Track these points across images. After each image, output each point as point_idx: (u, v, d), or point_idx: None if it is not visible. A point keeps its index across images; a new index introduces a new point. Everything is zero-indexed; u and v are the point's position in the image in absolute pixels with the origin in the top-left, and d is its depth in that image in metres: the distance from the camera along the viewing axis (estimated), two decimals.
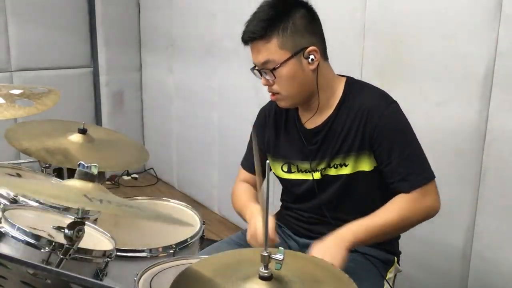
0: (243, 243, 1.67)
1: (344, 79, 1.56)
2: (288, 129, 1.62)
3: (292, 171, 1.60)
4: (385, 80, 2.10)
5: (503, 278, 1.87)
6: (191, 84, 3.54)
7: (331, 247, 1.37)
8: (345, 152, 1.50)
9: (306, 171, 1.57)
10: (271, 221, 1.47)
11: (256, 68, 1.50)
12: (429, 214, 1.48)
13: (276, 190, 1.79)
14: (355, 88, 1.53)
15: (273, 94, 1.51)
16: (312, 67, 1.47)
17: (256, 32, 1.44)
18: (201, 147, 3.53)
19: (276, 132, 1.64)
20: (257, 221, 1.47)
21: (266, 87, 1.52)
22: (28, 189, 0.93)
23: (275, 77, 1.46)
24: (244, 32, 1.48)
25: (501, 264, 1.87)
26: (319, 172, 1.54)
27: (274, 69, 1.44)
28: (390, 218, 1.44)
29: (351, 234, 1.40)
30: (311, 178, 1.56)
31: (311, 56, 1.45)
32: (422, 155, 1.49)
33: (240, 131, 3.04)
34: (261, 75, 1.49)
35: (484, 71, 1.81)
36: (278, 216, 1.71)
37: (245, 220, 1.60)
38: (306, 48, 1.45)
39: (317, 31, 1.50)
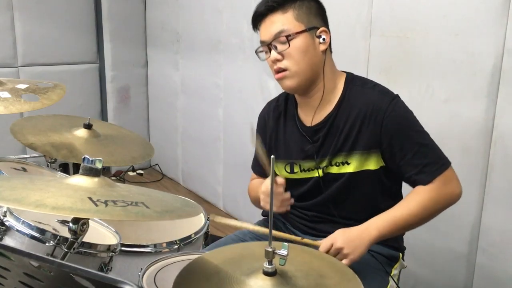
0: (247, 239, 1.67)
1: (344, 75, 1.55)
2: (288, 129, 1.61)
3: (295, 171, 1.59)
4: (392, 77, 2.10)
5: (509, 275, 1.86)
6: (197, 80, 3.54)
7: (355, 239, 1.39)
8: (347, 150, 1.49)
9: (309, 170, 1.57)
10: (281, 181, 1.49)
11: (264, 45, 1.49)
12: (452, 200, 1.48)
13: None
14: (355, 84, 1.53)
15: (280, 72, 1.49)
16: (323, 47, 1.48)
17: (275, 1, 1.46)
18: (207, 143, 3.53)
19: (276, 134, 1.63)
20: (266, 181, 1.51)
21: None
22: (29, 202, 0.92)
23: (289, 46, 1.45)
24: (260, 5, 1.49)
25: (506, 261, 1.86)
26: (321, 169, 1.54)
27: (289, 36, 1.44)
28: (414, 209, 1.44)
29: (376, 229, 1.41)
30: (314, 175, 1.55)
31: (323, 36, 1.47)
32: (433, 144, 1.48)
33: (246, 127, 3.04)
34: (269, 53, 1.48)
35: (492, 68, 1.80)
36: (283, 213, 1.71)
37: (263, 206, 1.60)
38: (319, 28, 1.47)
39: (326, 20, 1.53)
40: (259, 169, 1.72)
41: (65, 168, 2.57)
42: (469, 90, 1.88)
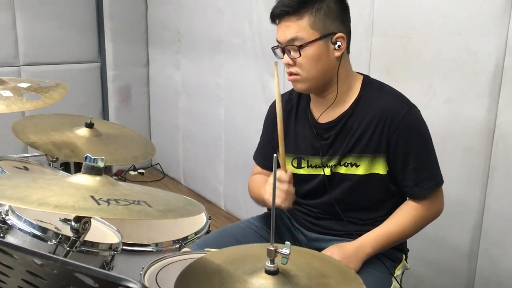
0: (253, 227, 1.67)
1: (361, 77, 1.55)
2: (299, 123, 1.60)
3: (302, 166, 1.59)
4: (393, 77, 2.09)
5: (510, 276, 1.86)
6: (198, 79, 3.54)
7: (351, 255, 1.44)
8: (358, 152, 1.49)
9: (316, 167, 1.56)
10: (289, 174, 1.46)
11: (279, 46, 1.47)
12: (437, 216, 1.55)
13: None
14: (373, 88, 1.52)
15: (292, 74, 1.48)
16: (338, 54, 1.46)
17: (290, 6, 1.42)
18: (208, 142, 3.53)
19: (287, 127, 1.61)
20: (271, 179, 1.48)
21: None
22: (31, 200, 0.93)
23: (300, 55, 1.43)
24: (276, 6, 1.46)
25: (508, 262, 1.86)
26: (329, 168, 1.53)
27: (301, 46, 1.42)
28: (406, 226, 1.49)
29: (371, 247, 1.46)
30: (321, 173, 1.55)
31: (339, 43, 1.44)
32: (436, 160, 1.50)
33: (247, 127, 3.04)
34: (284, 53, 1.46)
35: (494, 68, 1.80)
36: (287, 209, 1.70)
37: (264, 204, 1.60)
38: (335, 33, 1.44)
39: (346, 21, 1.50)
40: (263, 161, 1.71)
41: (66, 167, 2.56)
42: (471, 90, 1.87)
